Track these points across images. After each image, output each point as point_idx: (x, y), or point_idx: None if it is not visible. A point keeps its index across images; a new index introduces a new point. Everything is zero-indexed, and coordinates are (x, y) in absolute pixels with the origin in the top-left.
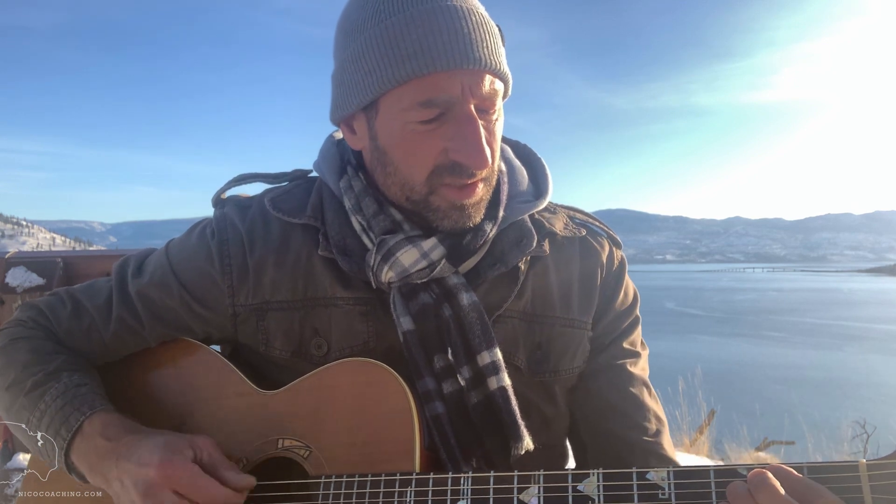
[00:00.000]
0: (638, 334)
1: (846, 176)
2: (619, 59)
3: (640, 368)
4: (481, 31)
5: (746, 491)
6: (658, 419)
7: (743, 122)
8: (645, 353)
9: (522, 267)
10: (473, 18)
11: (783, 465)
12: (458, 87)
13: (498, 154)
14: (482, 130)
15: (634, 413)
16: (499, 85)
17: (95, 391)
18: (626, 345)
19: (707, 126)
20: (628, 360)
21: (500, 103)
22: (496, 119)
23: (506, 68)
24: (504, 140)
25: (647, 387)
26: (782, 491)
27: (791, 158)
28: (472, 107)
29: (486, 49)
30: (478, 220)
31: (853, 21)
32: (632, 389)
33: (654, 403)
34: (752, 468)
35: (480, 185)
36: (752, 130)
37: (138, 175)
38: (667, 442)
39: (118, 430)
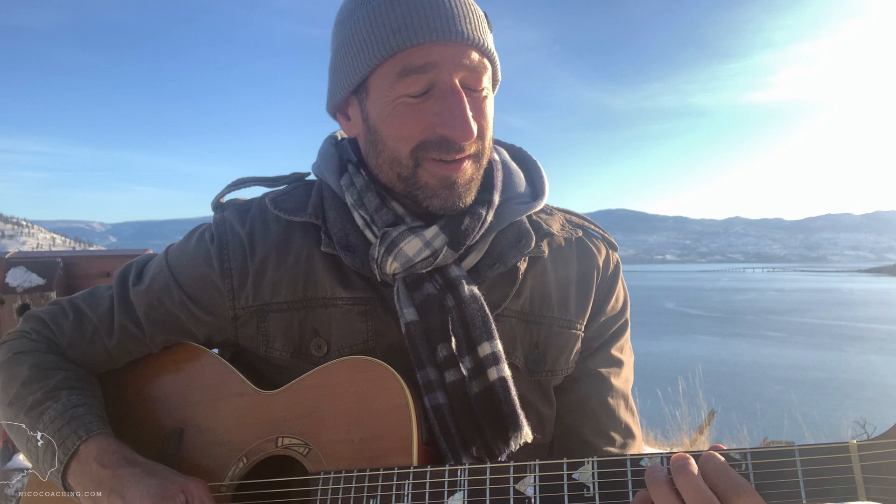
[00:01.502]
0: (626, 339)
1: (846, 176)
2: (617, 59)
3: (623, 379)
4: (463, 8)
5: (666, 475)
6: (628, 433)
7: (742, 122)
8: (630, 361)
9: (521, 267)
10: None
11: (716, 455)
12: (440, 57)
13: (488, 132)
14: (467, 104)
15: (606, 422)
16: (485, 63)
17: (93, 411)
18: (613, 351)
19: (706, 126)
20: (612, 370)
21: (487, 82)
22: (485, 97)
23: (490, 46)
24: (500, 143)
25: (626, 399)
26: (702, 479)
27: (791, 158)
28: (457, 81)
29: (467, 24)
30: (468, 200)
31: (852, 22)
32: (610, 400)
33: (628, 417)
34: (744, 451)
35: (468, 163)
36: (752, 131)
37: (138, 175)
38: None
39: (113, 459)
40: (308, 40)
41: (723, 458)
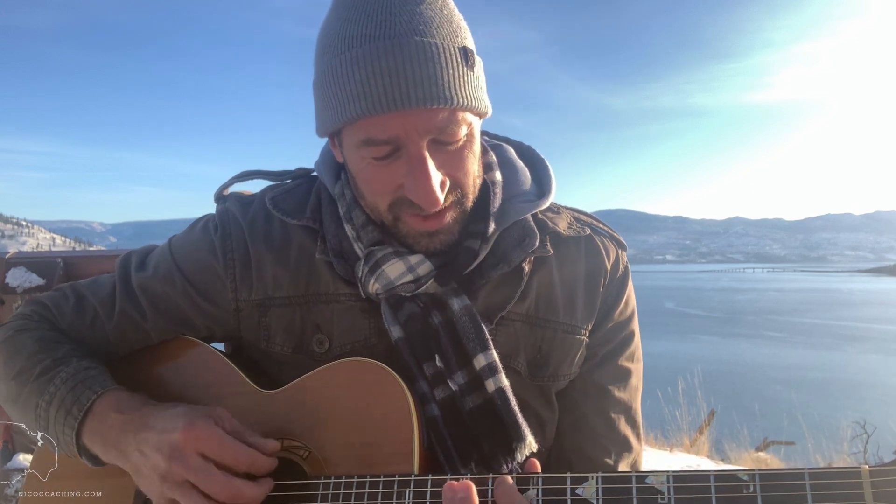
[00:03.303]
0: (636, 346)
1: (846, 176)
2: (616, 60)
3: (631, 388)
4: (429, 65)
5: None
6: (626, 447)
7: (742, 122)
8: (638, 368)
9: (526, 268)
10: (421, 55)
11: (507, 478)
12: (402, 128)
13: (467, 180)
14: (435, 176)
15: (605, 435)
16: (458, 116)
17: (105, 373)
18: (621, 361)
19: (706, 126)
20: (618, 383)
21: (464, 131)
22: (463, 146)
23: (462, 98)
24: (507, 141)
25: (628, 411)
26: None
27: (791, 158)
28: (425, 144)
29: (433, 86)
30: (451, 240)
31: (851, 22)
32: (611, 414)
33: (627, 430)
34: (752, 473)
35: (448, 213)
36: (752, 131)
37: (138, 175)
38: (625, 468)
39: (133, 404)
40: (307, 40)
41: (511, 481)
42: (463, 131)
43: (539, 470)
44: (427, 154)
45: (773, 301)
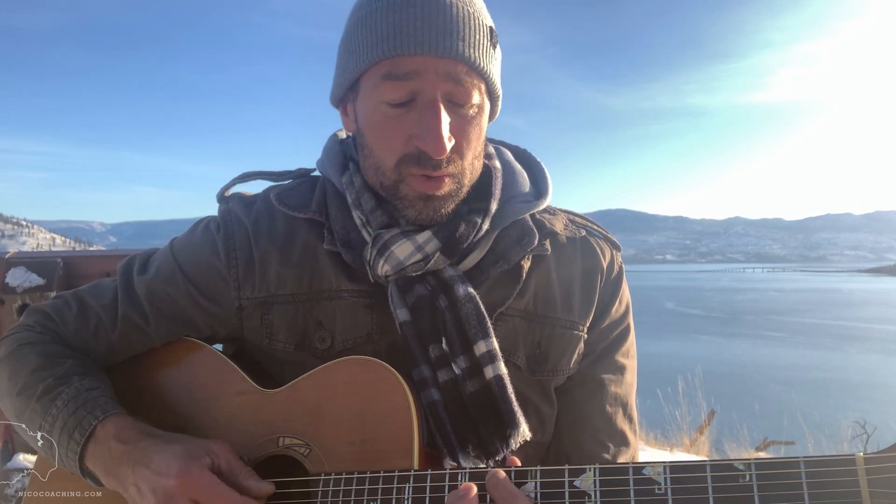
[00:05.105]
0: (630, 342)
1: (846, 176)
2: (615, 60)
3: (626, 384)
4: (459, 23)
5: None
6: (623, 441)
7: (742, 122)
8: (633, 365)
9: (525, 265)
10: (454, 11)
11: (499, 471)
12: (423, 65)
13: (468, 153)
14: (445, 120)
15: (602, 429)
16: (475, 80)
17: (107, 394)
18: (617, 357)
19: (705, 126)
20: (614, 377)
21: (477, 99)
22: (473, 116)
23: (484, 64)
24: (504, 144)
25: (625, 406)
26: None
27: (791, 158)
28: (440, 96)
29: (460, 41)
30: (444, 213)
31: (851, 22)
32: (608, 408)
33: (624, 425)
34: (748, 462)
35: (448, 180)
36: (751, 131)
37: (138, 175)
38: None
39: (132, 434)
40: (306, 41)
41: (504, 475)
42: (475, 98)
43: (518, 466)
44: (441, 104)
45: (773, 301)
